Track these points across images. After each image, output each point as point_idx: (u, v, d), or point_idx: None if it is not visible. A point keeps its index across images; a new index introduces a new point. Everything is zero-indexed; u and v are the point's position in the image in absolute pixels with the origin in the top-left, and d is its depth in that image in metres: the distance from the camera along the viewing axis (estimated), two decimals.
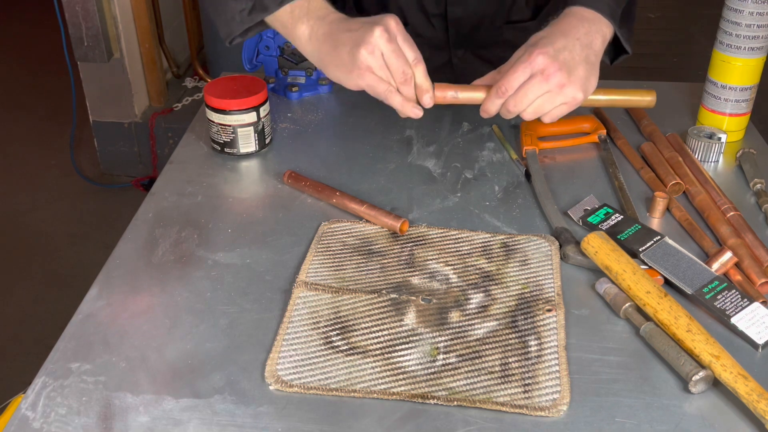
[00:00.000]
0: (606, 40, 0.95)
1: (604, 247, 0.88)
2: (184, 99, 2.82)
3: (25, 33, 3.93)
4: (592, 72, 0.92)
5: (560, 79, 0.88)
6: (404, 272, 0.89)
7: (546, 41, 0.89)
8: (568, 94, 0.90)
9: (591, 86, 0.93)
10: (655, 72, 3.47)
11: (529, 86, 0.89)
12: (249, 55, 1.29)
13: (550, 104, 0.91)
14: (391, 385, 0.74)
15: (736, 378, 0.72)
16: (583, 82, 0.91)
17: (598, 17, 0.93)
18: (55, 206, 2.72)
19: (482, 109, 0.93)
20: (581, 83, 0.90)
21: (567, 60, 0.89)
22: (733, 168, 1.10)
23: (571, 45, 0.90)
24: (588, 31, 0.92)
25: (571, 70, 0.89)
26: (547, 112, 0.92)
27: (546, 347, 0.78)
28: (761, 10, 1.04)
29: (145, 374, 0.76)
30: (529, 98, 0.89)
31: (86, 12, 2.50)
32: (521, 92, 0.89)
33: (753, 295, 0.85)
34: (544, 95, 0.90)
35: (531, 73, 0.88)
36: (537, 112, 0.91)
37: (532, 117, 0.92)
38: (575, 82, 0.90)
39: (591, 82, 0.92)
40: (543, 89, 0.89)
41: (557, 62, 0.88)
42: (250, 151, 1.11)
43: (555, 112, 0.92)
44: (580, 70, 0.90)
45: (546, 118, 0.93)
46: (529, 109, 0.90)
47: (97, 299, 0.86)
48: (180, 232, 0.96)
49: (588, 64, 0.91)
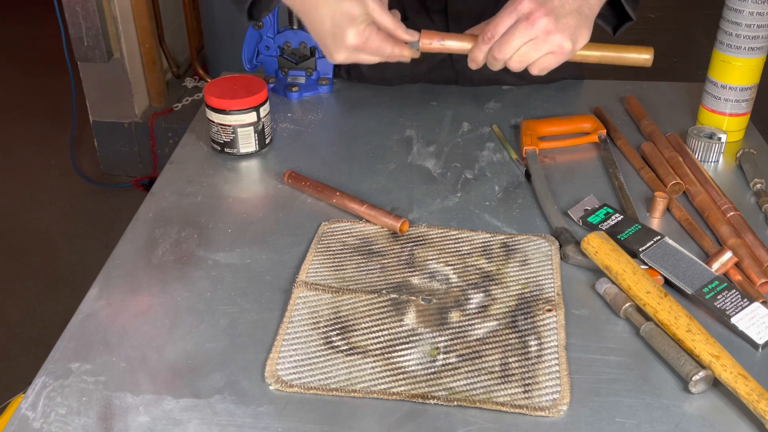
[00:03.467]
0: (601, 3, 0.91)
1: (604, 247, 0.88)
2: (184, 99, 2.82)
3: (25, 33, 3.93)
4: (583, 23, 0.88)
5: (546, 25, 0.85)
6: (404, 272, 0.89)
7: None
8: (554, 42, 0.86)
9: (581, 38, 0.89)
10: (655, 72, 3.47)
11: (513, 31, 0.85)
12: (249, 55, 1.29)
13: (536, 52, 0.87)
14: (391, 385, 0.74)
15: (736, 378, 0.72)
16: (572, 31, 0.87)
17: None
18: (55, 206, 2.72)
19: (470, 58, 0.90)
20: (570, 32, 0.87)
21: (556, 7, 0.85)
22: (733, 168, 1.10)
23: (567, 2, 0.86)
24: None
25: (559, 18, 0.86)
26: (534, 62, 0.88)
27: (546, 347, 0.78)
28: (761, 10, 1.04)
29: (145, 374, 0.76)
30: (514, 45, 0.86)
31: (86, 12, 2.50)
32: (506, 37, 0.86)
33: (753, 295, 0.85)
34: (529, 42, 0.86)
35: (517, 17, 0.85)
36: (523, 61, 0.88)
37: (519, 67, 0.88)
38: (563, 30, 0.86)
39: (581, 34, 0.88)
40: (528, 35, 0.86)
41: (544, 8, 0.85)
42: (250, 151, 1.11)
43: (542, 62, 0.89)
44: (570, 19, 0.87)
45: (533, 69, 0.90)
46: (515, 57, 0.87)
47: (97, 299, 0.86)
48: (180, 232, 0.96)
49: (580, 14, 0.87)
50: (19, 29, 3.98)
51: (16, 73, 3.58)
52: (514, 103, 1.26)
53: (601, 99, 1.26)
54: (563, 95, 1.27)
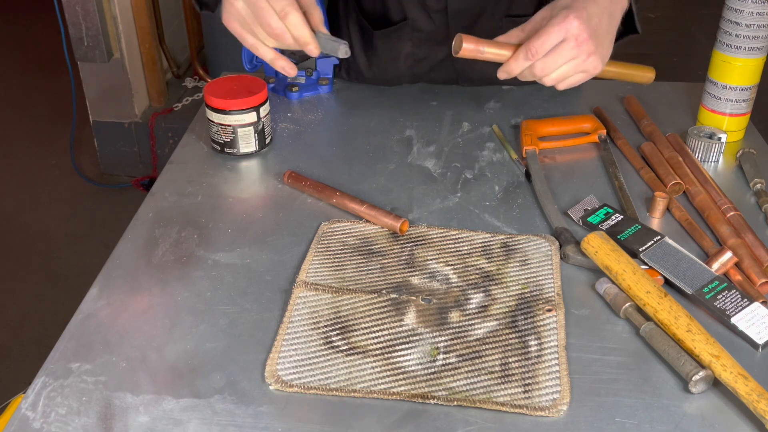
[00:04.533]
0: (621, 15, 0.91)
1: (604, 247, 0.88)
2: (184, 99, 2.82)
3: (25, 33, 3.93)
4: (611, 44, 0.88)
5: (590, 47, 0.85)
6: (404, 272, 0.89)
7: (579, 4, 0.85)
8: (591, 64, 0.86)
9: (607, 59, 0.89)
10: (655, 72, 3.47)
11: (560, 50, 0.84)
12: (249, 55, 1.28)
13: (574, 71, 0.87)
14: (391, 385, 0.74)
15: (736, 378, 0.72)
16: (605, 53, 0.87)
17: None
18: (55, 206, 2.72)
19: (504, 69, 0.87)
20: (603, 53, 0.87)
21: (597, 28, 0.85)
22: (733, 168, 1.10)
23: (600, 13, 0.86)
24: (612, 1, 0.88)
25: (600, 40, 0.86)
26: (566, 79, 0.88)
27: (546, 347, 0.78)
28: (761, 10, 1.04)
29: (145, 374, 0.76)
30: (558, 62, 0.85)
31: (86, 12, 2.50)
32: (552, 56, 0.84)
33: (753, 295, 0.85)
34: (571, 61, 0.86)
35: (564, 36, 0.84)
36: (560, 78, 0.87)
37: (554, 83, 0.87)
38: (600, 52, 0.86)
39: (608, 55, 0.89)
40: (572, 55, 0.85)
41: (590, 29, 0.84)
42: (250, 151, 1.11)
43: (573, 80, 0.88)
44: (606, 41, 0.87)
45: (562, 85, 0.89)
46: (553, 75, 0.86)
47: (97, 299, 0.86)
48: (180, 232, 0.96)
49: (610, 35, 0.88)
50: (19, 29, 3.98)
51: (16, 73, 3.58)
52: (514, 103, 1.26)
53: (601, 99, 1.26)
54: (563, 95, 1.27)
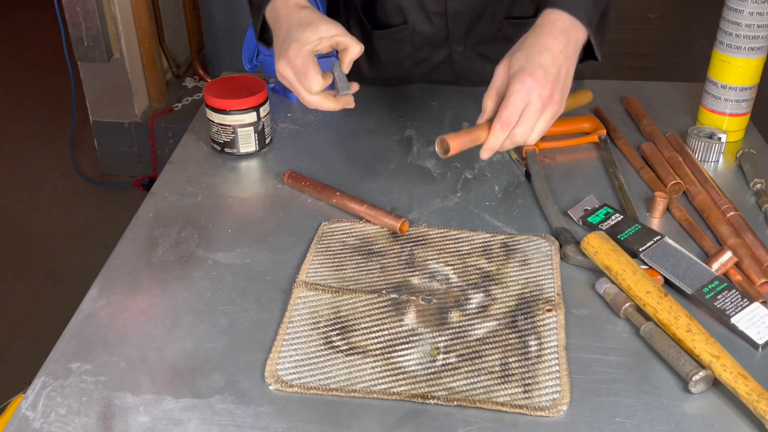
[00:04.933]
0: (580, 47, 0.94)
1: (604, 247, 0.88)
2: (184, 99, 2.82)
3: (25, 33, 3.93)
4: (571, 80, 0.91)
5: (554, 98, 0.88)
6: (404, 272, 0.89)
7: (533, 62, 0.87)
8: (560, 109, 0.89)
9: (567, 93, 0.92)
10: (655, 72, 3.47)
11: (528, 113, 0.87)
12: (249, 55, 1.28)
13: (548, 123, 0.89)
14: (391, 385, 0.74)
15: (736, 378, 0.72)
16: (566, 92, 0.90)
17: (576, 23, 0.92)
18: (55, 206, 2.72)
19: (486, 148, 0.89)
20: (565, 94, 0.90)
21: (556, 78, 0.88)
22: (733, 168, 1.10)
23: (554, 61, 0.88)
24: (568, 41, 0.90)
25: (561, 85, 0.89)
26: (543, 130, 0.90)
27: (546, 347, 0.78)
28: (761, 10, 1.04)
29: (145, 374, 0.76)
30: (532, 124, 0.88)
31: (86, 12, 2.50)
32: (523, 121, 0.87)
33: (753, 295, 0.85)
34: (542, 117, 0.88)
35: (527, 100, 0.86)
36: (541, 133, 0.89)
37: (537, 139, 0.90)
38: (563, 94, 0.89)
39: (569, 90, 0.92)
40: (541, 111, 0.87)
41: (548, 83, 0.87)
42: (250, 151, 1.11)
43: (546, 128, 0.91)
44: (567, 83, 0.90)
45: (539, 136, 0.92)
46: (534, 135, 0.89)
47: (97, 299, 0.86)
48: (180, 232, 0.96)
49: (570, 74, 0.91)
50: (19, 29, 3.98)
51: (16, 73, 3.58)
52: None
53: (601, 99, 1.26)
54: None
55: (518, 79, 0.86)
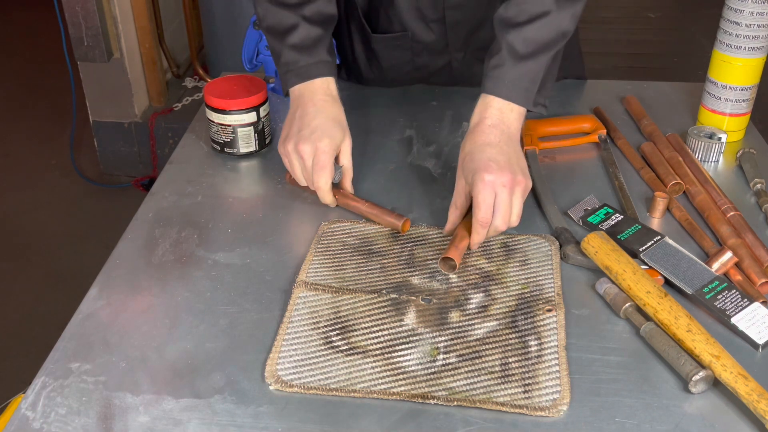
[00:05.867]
0: (521, 121, 0.97)
1: (604, 247, 0.88)
2: (184, 99, 2.82)
3: (25, 33, 3.93)
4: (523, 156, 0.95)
5: (517, 178, 0.90)
6: (404, 272, 0.89)
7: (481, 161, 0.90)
8: (527, 185, 0.92)
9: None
10: (655, 72, 3.47)
11: (500, 202, 0.90)
12: (249, 55, 1.28)
13: (521, 202, 0.92)
14: (391, 385, 0.74)
15: (736, 378, 0.72)
16: (524, 164, 0.93)
17: (506, 104, 0.95)
18: (55, 206, 2.72)
19: (474, 244, 0.92)
20: (524, 167, 0.93)
21: (509, 161, 0.91)
22: (733, 168, 1.10)
23: (500, 148, 0.92)
24: (501, 132, 0.94)
25: (516, 164, 0.92)
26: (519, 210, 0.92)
27: (546, 347, 0.78)
28: (761, 10, 1.04)
29: (145, 374, 0.76)
30: (507, 210, 0.90)
31: (86, 12, 2.50)
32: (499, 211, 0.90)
33: (753, 295, 0.85)
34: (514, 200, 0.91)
35: (494, 193, 0.89)
36: (519, 215, 0.92)
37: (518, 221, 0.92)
38: (522, 169, 0.92)
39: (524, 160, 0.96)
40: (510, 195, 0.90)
41: (504, 170, 0.90)
42: (250, 151, 1.11)
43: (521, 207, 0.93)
44: (521, 158, 0.94)
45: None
46: (513, 218, 0.91)
47: (97, 299, 0.86)
48: (180, 232, 0.96)
49: (519, 152, 0.94)
50: (19, 29, 3.98)
51: (16, 73, 3.58)
52: None
53: (601, 99, 1.26)
54: (563, 95, 1.27)
55: (478, 180, 0.90)
